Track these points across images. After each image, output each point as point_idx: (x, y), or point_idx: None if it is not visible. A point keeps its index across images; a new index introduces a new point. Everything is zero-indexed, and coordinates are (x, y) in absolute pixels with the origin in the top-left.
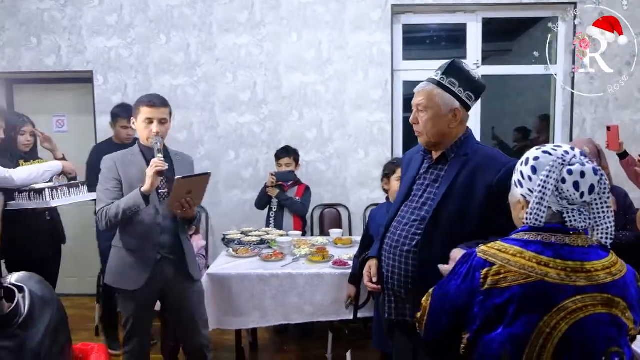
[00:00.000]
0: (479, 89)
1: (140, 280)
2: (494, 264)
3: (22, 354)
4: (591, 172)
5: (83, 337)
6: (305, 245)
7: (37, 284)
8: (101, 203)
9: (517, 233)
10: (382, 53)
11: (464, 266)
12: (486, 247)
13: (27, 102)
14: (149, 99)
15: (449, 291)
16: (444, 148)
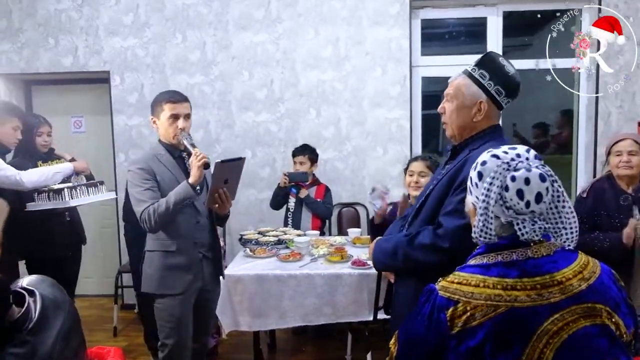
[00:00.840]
0: (512, 85)
1: (185, 282)
2: (458, 302)
3: (32, 359)
4: (537, 178)
5: (101, 338)
6: (323, 245)
7: (49, 287)
8: (143, 204)
9: (474, 257)
10: (401, 49)
11: (426, 305)
12: (446, 283)
13: (44, 103)
14: (170, 96)
15: (416, 336)
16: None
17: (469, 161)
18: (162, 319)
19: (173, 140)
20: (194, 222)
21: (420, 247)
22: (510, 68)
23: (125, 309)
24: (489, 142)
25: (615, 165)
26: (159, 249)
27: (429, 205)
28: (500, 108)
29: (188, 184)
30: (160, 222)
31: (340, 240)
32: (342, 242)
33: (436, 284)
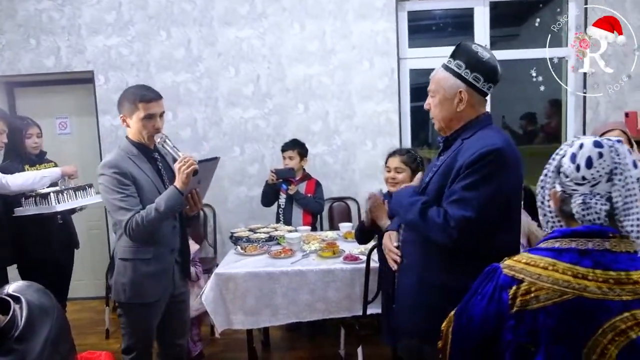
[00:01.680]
0: (488, 70)
1: (160, 289)
2: (522, 281)
3: None
4: (590, 144)
5: (93, 341)
6: (314, 240)
7: (35, 293)
8: (127, 212)
9: (546, 240)
10: (387, 41)
11: (489, 285)
12: (512, 261)
13: (28, 105)
14: (144, 94)
15: (474, 315)
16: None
17: (462, 150)
18: (132, 326)
19: (147, 140)
20: (171, 228)
21: (431, 222)
22: (484, 53)
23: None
24: (480, 130)
25: None
26: (134, 256)
27: (431, 198)
28: (483, 95)
29: (178, 191)
30: (150, 231)
31: (331, 235)
32: (334, 237)
33: (500, 263)
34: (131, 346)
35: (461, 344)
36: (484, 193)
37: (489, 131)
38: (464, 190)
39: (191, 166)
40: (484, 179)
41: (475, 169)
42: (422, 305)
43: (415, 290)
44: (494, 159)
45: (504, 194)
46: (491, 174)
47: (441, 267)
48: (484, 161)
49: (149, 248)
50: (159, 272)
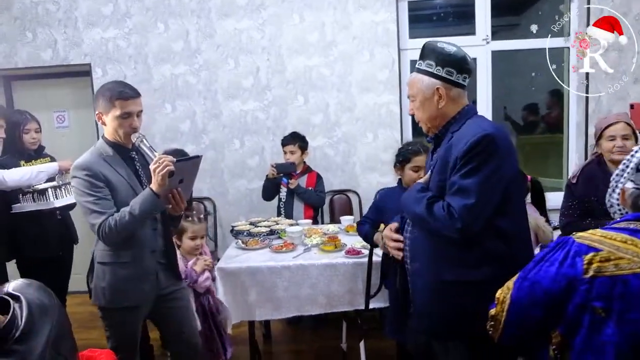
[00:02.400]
0: (457, 62)
1: (140, 293)
2: (600, 250)
3: None
4: None
5: (94, 336)
6: (316, 234)
7: (35, 292)
8: (100, 215)
9: (618, 222)
10: (388, 32)
11: (558, 252)
12: (585, 234)
13: (26, 98)
14: (120, 91)
15: (540, 279)
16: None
17: (454, 143)
18: (114, 330)
19: (123, 140)
20: (151, 230)
21: (436, 216)
22: (450, 47)
23: None
24: (467, 120)
25: (609, 150)
26: (112, 260)
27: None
28: (461, 87)
29: (154, 194)
30: (125, 235)
31: (333, 228)
32: (335, 231)
33: (572, 235)
34: (115, 349)
35: (521, 310)
36: (481, 177)
37: (477, 120)
38: (462, 179)
39: (166, 167)
40: (479, 164)
41: (470, 157)
42: (441, 304)
43: (431, 289)
44: (487, 145)
45: (502, 176)
46: (486, 160)
47: (453, 262)
48: (477, 148)
49: (126, 251)
50: (139, 275)
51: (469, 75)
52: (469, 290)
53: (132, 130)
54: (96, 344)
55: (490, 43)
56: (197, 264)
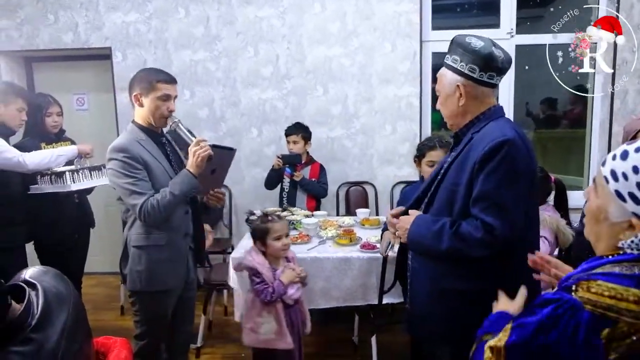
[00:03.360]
0: (483, 58)
1: (175, 276)
2: (615, 321)
3: (39, 357)
4: None
5: (108, 317)
6: (331, 226)
7: (52, 280)
8: (141, 196)
9: (617, 263)
10: (410, 23)
11: (566, 321)
12: (592, 295)
13: (46, 80)
14: (164, 75)
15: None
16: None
17: (473, 145)
18: (147, 315)
19: (159, 122)
20: (184, 213)
21: (469, 241)
22: (477, 42)
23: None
24: (489, 123)
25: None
26: (148, 243)
27: (443, 195)
28: (487, 85)
29: (192, 175)
30: (165, 215)
31: (348, 221)
32: (351, 224)
33: (572, 293)
34: (144, 333)
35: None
36: (514, 191)
37: (498, 123)
38: (493, 193)
39: (207, 150)
40: (507, 175)
41: (492, 167)
42: (439, 312)
43: (430, 297)
44: (507, 151)
45: (527, 182)
46: (511, 169)
47: (456, 274)
48: (498, 155)
49: (162, 234)
50: (173, 258)
51: (499, 73)
52: (471, 299)
53: (169, 112)
54: (110, 326)
55: (514, 37)
56: (284, 274)
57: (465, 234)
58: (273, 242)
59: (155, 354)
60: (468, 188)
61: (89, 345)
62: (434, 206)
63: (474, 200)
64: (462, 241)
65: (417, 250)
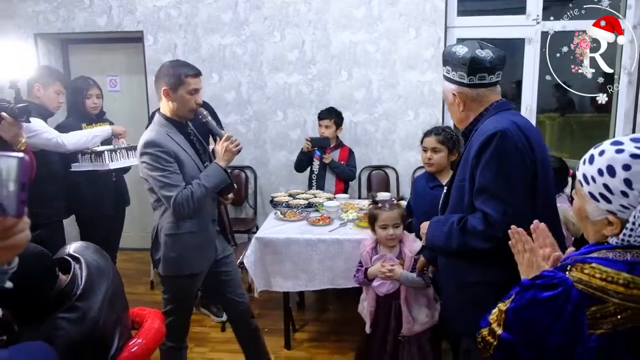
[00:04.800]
0: (467, 63)
1: (204, 260)
2: (605, 302)
3: (83, 323)
4: None
5: (140, 291)
6: (352, 209)
7: (93, 254)
8: (175, 188)
9: (611, 249)
10: (436, 10)
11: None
12: (584, 276)
13: (81, 62)
14: (192, 69)
15: (538, 319)
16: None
17: (472, 141)
18: (176, 296)
19: (187, 115)
20: (211, 200)
21: (474, 234)
22: (461, 50)
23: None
24: (490, 118)
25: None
26: (181, 231)
27: (455, 192)
28: (480, 87)
29: (222, 168)
30: (197, 207)
31: None
32: None
33: (567, 272)
34: (172, 310)
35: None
36: (509, 180)
37: (497, 117)
38: (490, 184)
39: (238, 146)
40: (500, 165)
41: (486, 159)
42: (461, 305)
43: (452, 291)
44: (497, 142)
45: (524, 170)
46: (504, 159)
47: (472, 266)
48: (489, 147)
49: (193, 221)
50: (204, 243)
51: (490, 72)
52: (493, 289)
53: (197, 105)
54: (141, 299)
55: (540, 23)
56: (372, 267)
57: (470, 229)
58: (379, 230)
59: (182, 327)
60: (471, 182)
61: (126, 314)
62: (450, 204)
63: (476, 194)
64: (469, 236)
65: (438, 252)
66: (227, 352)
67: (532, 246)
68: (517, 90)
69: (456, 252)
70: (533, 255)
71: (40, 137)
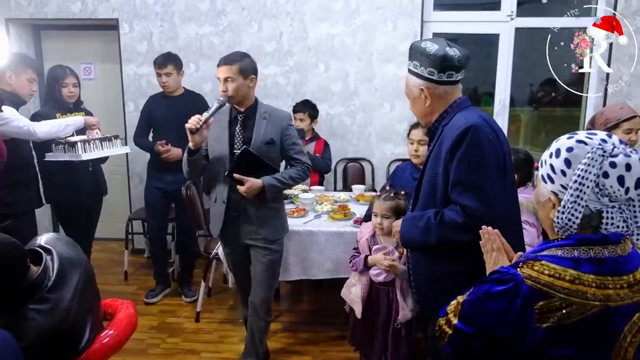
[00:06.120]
0: (439, 60)
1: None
2: (551, 297)
3: (54, 314)
4: (638, 163)
5: (112, 281)
6: (327, 201)
7: (65, 246)
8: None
9: (560, 247)
10: (412, 3)
11: (508, 291)
12: (533, 272)
13: (54, 49)
14: (220, 60)
15: (490, 312)
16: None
17: (444, 136)
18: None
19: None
20: (223, 183)
21: (453, 227)
22: (432, 46)
23: (135, 254)
24: (456, 113)
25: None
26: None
27: (426, 187)
28: (448, 84)
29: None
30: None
31: (344, 196)
32: (346, 199)
33: (518, 269)
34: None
35: (468, 336)
36: (486, 172)
37: (464, 112)
38: (467, 176)
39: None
40: (475, 157)
41: (462, 152)
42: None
43: (429, 284)
44: (472, 135)
45: (496, 161)
46: (479, 152)
47: (448, 258)
48: (464, 140)
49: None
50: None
51: (457, 71)
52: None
53: (222, 93)
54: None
55: (514, 19)
56: (373, 255)
57: (448, 222)
58: (373, 217)
59: None
60: (445, 177)
61: (98, 305)
62: (420, 200)
63: (451, 187)
64: (448, 229)
65: (414, 249)
66: (201, 343)
67: (499, 246)
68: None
69: (434, 247)
70: (500, 254)
71: (11, 125)
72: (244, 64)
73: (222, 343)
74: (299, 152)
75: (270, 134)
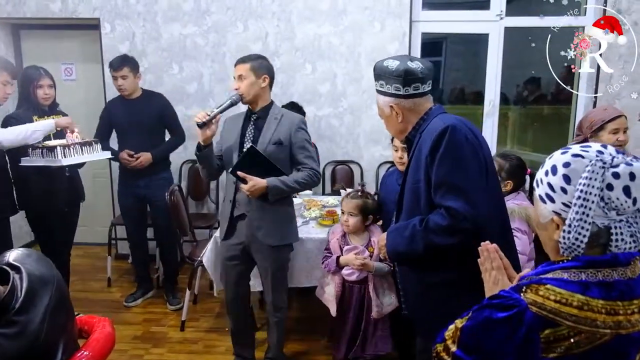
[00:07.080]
0: (402, 76)
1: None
2: (558, 325)
3: (21, 338)
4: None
5: (95, 288)
6: (315, 206)
7: (35, 262)
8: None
9: (565, 269)
10: (401, 3)
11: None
12: (539, 297)
13: (34, 49)
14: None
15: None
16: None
17: (423, 141)
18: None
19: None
20: (231, 182)
21: (439, 231)
22: (393, 64)
23: (119, 259)
24: (433, 119)
25: (611, 143)
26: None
27: (409, 195)
28: (416, 96)
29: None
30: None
31: (332, 201)
32: (334, 204)
33: (521, 294)
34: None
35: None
36: (467, 172)
37: (441, 116)
38: (448, 178)
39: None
40: (455, 158)
41: (441, 153)
42: (428, 307)
43: (418, 295)
44: (450, 136)
45: (477, 161)
46: (459, 152)
47: (436, 267)
48: (443, 141)
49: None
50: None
51: (422, 82)
52: (450, 290)
53: (234, 90)
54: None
55: (504, 19)
56: (345, 255)
57: (434, 227)
58: (340, 214)
59: None
60: (427, 182)
61: (72, 324)
62: (404, 209)
63: (434, 190)
64: (435, 234)
65: (402, 261)
66: (185, 354)
67: (499, 264)
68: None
69: (422, 255)
70: (500, 274)
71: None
72: (257, 63)
73: (208, 353)
74: (308, 157)
75: (279, 135)
